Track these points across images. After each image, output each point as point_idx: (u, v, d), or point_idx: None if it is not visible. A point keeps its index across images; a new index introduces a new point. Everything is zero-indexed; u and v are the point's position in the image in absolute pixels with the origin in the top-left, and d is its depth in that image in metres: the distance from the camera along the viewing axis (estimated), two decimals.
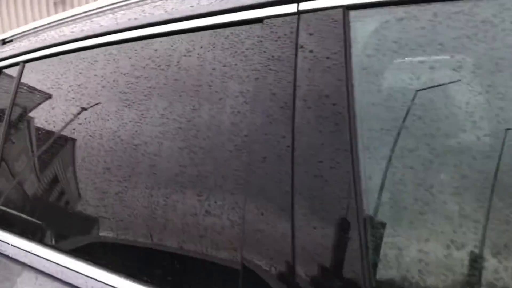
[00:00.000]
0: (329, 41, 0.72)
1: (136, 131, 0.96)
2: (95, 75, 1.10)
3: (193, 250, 0.82)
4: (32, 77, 1.30)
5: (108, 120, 1.03)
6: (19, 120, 1.30)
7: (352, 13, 0.72)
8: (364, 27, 0.71)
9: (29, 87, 1.29)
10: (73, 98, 1.13)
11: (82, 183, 1.05)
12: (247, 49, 0.83)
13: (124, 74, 1.03)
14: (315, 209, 0.67)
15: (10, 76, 1.38)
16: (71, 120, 1.11)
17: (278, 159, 0.72)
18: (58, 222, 1.11)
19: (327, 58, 0.71)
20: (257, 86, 0.78)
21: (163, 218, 0.87)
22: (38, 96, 1.24)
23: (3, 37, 1.62)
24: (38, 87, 1.26)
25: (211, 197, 0.80)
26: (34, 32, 1.41)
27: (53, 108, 1.18)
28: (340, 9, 0.73)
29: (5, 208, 1.28)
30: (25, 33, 1.47)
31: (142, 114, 0.96)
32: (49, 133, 1.17)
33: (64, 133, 1.12)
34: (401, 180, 0.62)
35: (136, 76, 1.00)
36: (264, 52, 0.79)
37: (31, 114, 1.26)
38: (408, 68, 0.65)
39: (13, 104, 1.31)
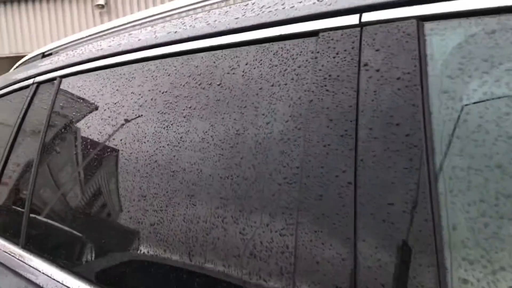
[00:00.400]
0: (400, 58, 0.60)
1: (174, 156, 0.87)
2: (132, 92, 1.02)
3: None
4: (68, 93, 1.24)
5: (144, 142, 0.94)
6: (54, 137, 1.24)
7: (428, 26, 0.60)
8: (443, 42, 0.59)
9: (65, 103, 1.23)
10: (109, 117, 1.06)
11: (114, 209, 0.97)
12: (299, 67, 0.72)
13: (163, 93, 0.94)
14: (382, 261, 0.56)
15: (48, 91, 1.33)
16: (106, 140, 1.04)
17: (337, 198, 0.61)
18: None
19: (398, 78, 0.60)
20: (311, 109, 0.67)
21: (204, 252, 0.77)
22: (74, 113, 1.18)
23: (43, 51, 1.58)
24: (73, 104, 1.20)
25: (256, 238, 0.70)
26: (72, 46, 1.36)
27: (88, 127, 1.11)
28: (413, 21, 0.61)
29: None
30: (63, 47, 1.42)
31: (181, 138, 0.87)
32: (83, 152, 1.10)
33: (97, 153, 1.05)
34: (496, 234, 0.50)
35: (175, 95, 0.91)
36: (320, 70, 0.68)
37: (65, 132, 1.19)
38: (503, 93, 0.53)
39: (49, 120, 1.25)
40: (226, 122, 0.80)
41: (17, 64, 1.81)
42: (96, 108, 1.11)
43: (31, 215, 1.22)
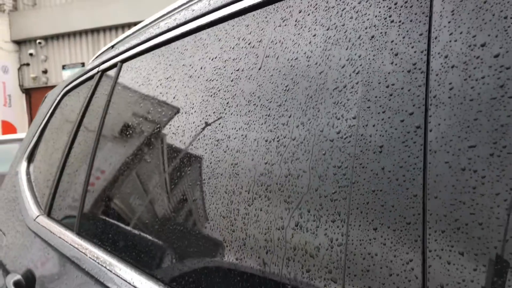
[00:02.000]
0: None
1: (220, 124, 0.77)
2: (183, 64, 0.95)
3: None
4: (126, 76, 1.20)
5: (192, 113, 0.86)
6: (112, 124, 1.20)
7: None
8: None
9: (123, 86, 1.19)
10: (160, 93, 0.99)
11: (176, 197, 0.89)
12: (359, 3, 0.60)
13: (212, 59, 0.86)
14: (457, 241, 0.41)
15: (110, 77, 1.30)
16: (160, 116, 0.97)
17: (401, 147, 0.47)
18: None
19: None
20: (373, 47, 0.55)
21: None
22: (130, 94, 1.13)
23: (113, 43, 1.58)
24: (130, 85, 1.15)
25: (310, 219, 0.57)
26: (137, 32, 1.33)
27: (141, 106, 1.05)
28: None
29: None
30: (129, 35, 1.39)
31: (227, 103, 0.77)
32: (135, 130, 1.04)
33: (148, 130, 0.98)
34: None
35: (224, 59, 0.82)
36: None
37: (122, 112, 1.15)
38: None
39: (108, 105, 1.22)
40: (276, 78, 0.69)
41: (92, 59, 1.84)
42: (150, 86, 1.05)
43: (86, 202, 1.18)
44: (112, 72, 1.30)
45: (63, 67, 13.10)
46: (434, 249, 0.42)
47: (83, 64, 13.36)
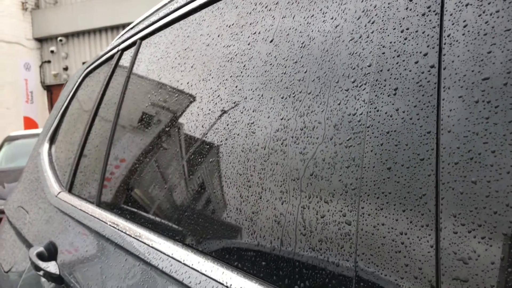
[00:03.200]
0: None
1: (236, 86, 0.78)
2: (201, 35, 0.96)
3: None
4: (145, 52, 1.22)
5: (210, 79, 0.87)
6: (131, 100, 1.22)
7: None
8: None
9: (142, 61, 1.21)
10: (178, 64, 1.01)
11: (189, 169, 0.91)
12: None
13: (229, 26, 0.87)
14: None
15: (129, 55, 1.32)
16: (176, 85, 0.98)
17: (415, 88, 0.48)
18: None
19: None
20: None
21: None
22: (148, 68, 1.15)
23: (133, 24, 1.60)
24: (149, 60, 1.17)
25: (324, 167, 0.58)
26: (156, 10, 1.34)
27: (159, 77, 1.07)
28: None
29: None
30: (149, 14, 1.41)
31: (244, 66, 0.78)
32: (155, 101, 1.06)
33: (167, 99, 1.00)
34: None
35: (241, 25, 0.83)
36: None
37: (141, 86, 1.16)
38: None
39: (127, 82, 1.24)
40: (292, 37, 0.70)
41: (113, 41, 1.87)
42: (168, 58, 1.06)
43: (106, 177, 1.21)
44: (131, 50, 1.32)
45: (83, 64, 13.25)
46: (447, 181, 0.42)
47: None
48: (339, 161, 0.55)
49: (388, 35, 0.53)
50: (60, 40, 13.05)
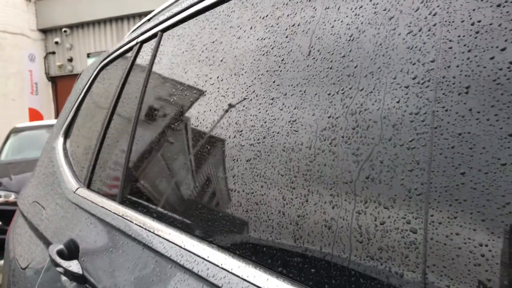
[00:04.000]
0: None
1: (274, 82, 0.74)
2: (231, 27, 0.92)
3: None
4: (168, 44, 1.18)
5: (243, 73, 0.83)
6: (153, 93, 1.19)
7: None
8: None
9: (165, 54, 1.17)
10: (206, 57, 0.97)
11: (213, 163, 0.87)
12: None
13: (263, 18, 0.83)
14: None
15: (150, 48, 1.28)
16: (204, 80, 0.95)
17: None
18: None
19: None
20: None
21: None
22: (172, 61, 1.11)
23: (151, 16, 1.56)
24: (172, 53, 1.13)
25: (383, 169, 0.54)
26: (176, 1, 1.30)
27: (185, 72, 1.03)
28: None
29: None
30: (168, 5, 1.37)
31: (282, 60, 0.74)
32: (180, 96, 1.02)
33: (194, 95, 0.96)
34: None
35: (277, 16, 0.79)
36: None
37: (165, 80, 1.13)
38: None
39: (149, 75, 1.20)
40: (338, 29, 0.66)
41: (128, 33, 1.83)
42: (194, 51, 1.02)
43: (128, 174, 1.17)
44: (152, 42, 1.28)
45: (88, 55, 13.24)
46: None
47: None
48: (400, 164, 0.51)
49: (455, 29, 0.49)
50: (65, 31, 13.01)
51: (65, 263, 1.09)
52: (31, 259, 1.49)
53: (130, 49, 1.42)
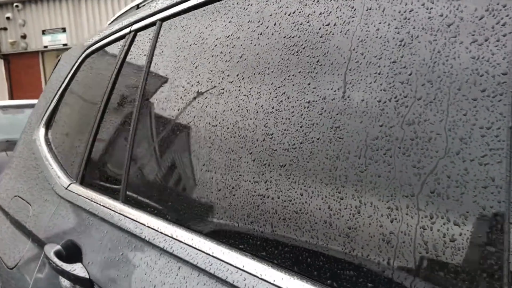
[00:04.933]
0: None
1: (309, 84, 0.71)
2: (249, 21, 0.88)
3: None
4: (170, 35, 1.12)
5: (268, 74, 0.80)
6: (155, 85, 1.13)
7: None
8: None
9: (167, 46, 1.12)
10: (221, 52, 0.92)
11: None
12: None
13: (290, 15, 0.79)
14: None
15: (147, 37, 1.22)
16: (220, 78, 0.90)
17: None
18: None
19: None
20: None
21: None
22: (177, 54, 1.06)
23: (138, 2, 1.48)
24: (177, 45, 1.08)
25: (451, 184, 0.52)
26: None
27: (195, 67, 0.99)
28: None
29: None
30: None
31: (318, 61, 0.71)
32: (190, 91, 0.97)
33: (207, 91, 0.92)
34: None
35: (307, 14, 0.76)
36: None
37: (169, 73, 1.07)
38: None
39: (149, 67, 1.14)
40: (385, 32, 0.63)
41: (109, 22, 1.74)
42: (205, 45, 0.98)
43: (132, 170, 1.12)
44: (149, 32, 1.22)
45: (43, 32, 12.73)
46: None
47: (64, 30, 13.02)
48: (471, 180, 0.50)
49: None
50: (16, 6, 12.42)
51: (68, 267, 1.04)
52: (19, 258, 1.42)
53: (122, 37, 1.35)
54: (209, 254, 0.78)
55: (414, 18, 0.60)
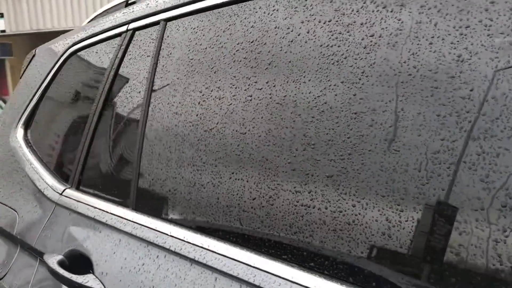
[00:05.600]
0: None
1: (355, 95, 0.72)
2: (276, 27, 0.87)
3: None
4: (177, 36, 1.09)
5: (304, 82, 0.79)
6: (166, 82, 1.10)
7: None
8: None
9: (176, 48, 1.08)
10: (244, 58, 0.91)
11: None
12: None
13: (325, 23, 0.79)
14: None
15: (149, 37, 1.18)
16: (246, 85, 0.89)
17: None
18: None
19: None
20: None
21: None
22: (191, 57, 1.03)
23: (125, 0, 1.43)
24: (189, 48, 1.05)
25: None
26: None
27: (214, 72, 0.96)
28: None
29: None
30: None
31: (363, 72, 0.72)
32: (212, 100, 0.95)
33: (232, 103, 0.90)
34: None
35: (346, 23, 0.76)
36: None
37: (182, 77, 1.04)
38: None
39: (155, 70, 1.11)
40: (439, 46, 0.65)
41: (88, 20, 1.67)
42: (225, 49, 0.96)
43: (140, 176, 1.09)
44: (151, 31, 1.17)
45: (2, 15, 12.16)
46: None
47: (1, 15, 12.40)
48: None
49: None
50: None
51: (79, 278, 1.00)
52: (7, 268, 1.35)
53: (118, 35, 1.30)
54: (250, 265, 0.78)
55: (471, 34, 0.62)
